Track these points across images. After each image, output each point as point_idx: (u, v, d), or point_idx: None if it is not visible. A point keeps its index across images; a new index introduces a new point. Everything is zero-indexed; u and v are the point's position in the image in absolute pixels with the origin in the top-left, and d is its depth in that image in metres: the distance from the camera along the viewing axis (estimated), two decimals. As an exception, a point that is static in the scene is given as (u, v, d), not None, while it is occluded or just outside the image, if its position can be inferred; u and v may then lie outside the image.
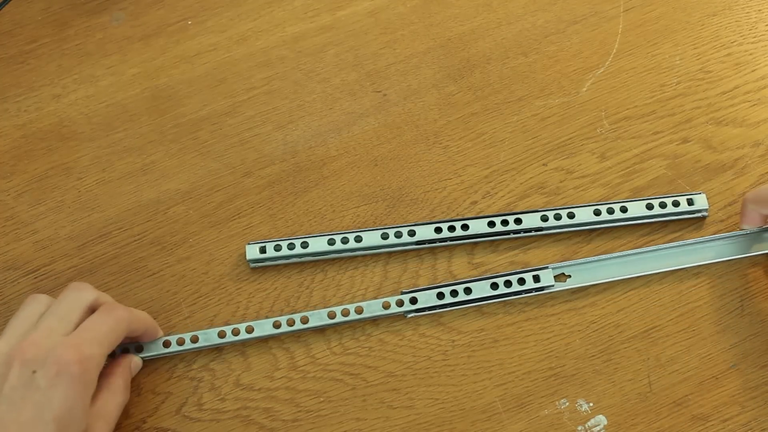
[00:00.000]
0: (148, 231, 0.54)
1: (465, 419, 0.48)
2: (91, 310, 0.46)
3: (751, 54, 0.59)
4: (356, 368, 0.50)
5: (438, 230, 0.52)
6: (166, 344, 0.49)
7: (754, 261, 0.52)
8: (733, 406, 0.48)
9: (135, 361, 0.48)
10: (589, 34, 0.60)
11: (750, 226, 0.51)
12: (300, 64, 0.59)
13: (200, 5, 0.62)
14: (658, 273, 0.51)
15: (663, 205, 0.53)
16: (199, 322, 0.51)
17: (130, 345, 0.49)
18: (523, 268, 0.52)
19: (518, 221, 0.53)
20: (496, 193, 0.55)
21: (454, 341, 0.50)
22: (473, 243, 0.53)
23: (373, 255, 0.53)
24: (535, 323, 0.51)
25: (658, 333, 0.50)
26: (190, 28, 0.61)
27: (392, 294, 0.51)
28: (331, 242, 0.52)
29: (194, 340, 0.49)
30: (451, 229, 0.52)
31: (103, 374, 0.45)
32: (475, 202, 0.54)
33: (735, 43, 0.59)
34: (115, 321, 0.45)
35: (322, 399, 0.49)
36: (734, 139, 0.56)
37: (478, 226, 0.52)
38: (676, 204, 0.53)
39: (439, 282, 0.52)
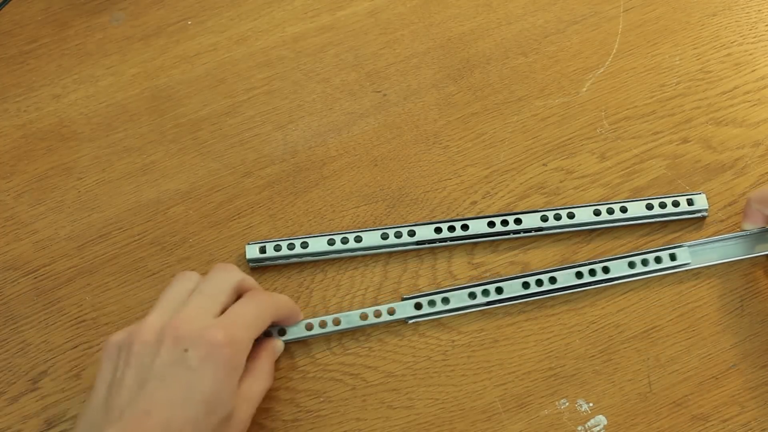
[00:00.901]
0: (147, 231, 0.54)
1: (465, 419, 0.48)
2: (238, 290, 0.46)
3: (751, 54, 0.59)
4: (356, 368, 0.50)
5: (438, 230, 0.52)
6: (309, 327, 0.49)
7: (755, 261, 0.52)
8: (733, 406, 0.48)
9: (278, 344, 0.48)
10: (589, 34, 0.60)
11: (753, 225, 0.51)
12: (300, 64, 0.59)
13: (200, 5, 0.62)
14: (659, 273, 0.51)
15: (663, 205, 0.53)
16: (199, 322, 0.51)
17: (272, 329, 0.49)
18: (523, 268, 0.52)
19: (518, 221, 0.53)
20: (496, 193, 0.55)
21: (453, 341, 0.50)
22: (473, 243, 0.53)
23: (373, 255, 0.53)
24: (534, 323, 0.51)
25: (658, 333, 0.50)
26: (190, 28, 0.61)
27: (392, 295, 0.51)
28: (331, 242, 0.52)
29: (336, 322, 0.49)
30: (451, 229, 0.52)
31: (249, 358, 0.44)
32: (475, 202, 0.54)
33: (735, 43, 0.59)
34: (262, 307, 0.45)
35: (322, 399, 0.49)
36: (734, 139, 0.56)
37: (478, 226, 0.52)
38: (676, 204, 0.53)
39: (439, 282, 0.52)
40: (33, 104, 0.58)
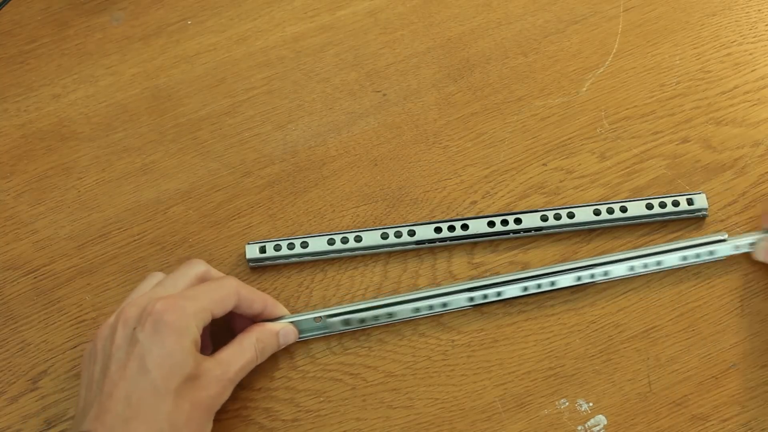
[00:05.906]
0: (147, 231, 0.54)
1: (465, 419, 0.48)
2: (201, 280, 0.47)
3: (750, 54, 0.59)
4: (356, 368, 0.50)
5: (438, 230, 0.52)
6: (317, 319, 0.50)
7: (754, 260, 0.52)
8: (733, 406, 0.48)
9: (286, 329, 0.48)
10: (589, 34, 0.60)
11: None
12: (300, 64, 0.59)
13: (200, 5, 0.62)
14: (658, 273, 0.51)
15: (663, 205, 0.53)
16: (198, 322, 0.51)
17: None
18: (523, 268, 0.52)
19: (518, 221, 0.53)
20: (496, 193, 0.55)
21: (453, 341, 0.50)
22: (473, 243, 0.53)
23: (372, 255, 0.53)
24: (534, 323, 0.51)
25: (657, 333, 0.50)
26: (189, 28, 0.61)
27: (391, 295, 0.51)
28: (331, 242, 0.52)
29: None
30: (451, 229, 0.52)
31: (240, 334, 0.47)
32: (474, 202, 0.54)
33: (735, 43, 0.59)
34: (214, 286, 0.46)
35: (321, 399, 0.49)
36: (734, 139, 0.56)
37: (478, 226, 0.52)
38: (675, 204, 0.53)
39: (439, 282, 0.52)
40: (33, 104, 0.58)
